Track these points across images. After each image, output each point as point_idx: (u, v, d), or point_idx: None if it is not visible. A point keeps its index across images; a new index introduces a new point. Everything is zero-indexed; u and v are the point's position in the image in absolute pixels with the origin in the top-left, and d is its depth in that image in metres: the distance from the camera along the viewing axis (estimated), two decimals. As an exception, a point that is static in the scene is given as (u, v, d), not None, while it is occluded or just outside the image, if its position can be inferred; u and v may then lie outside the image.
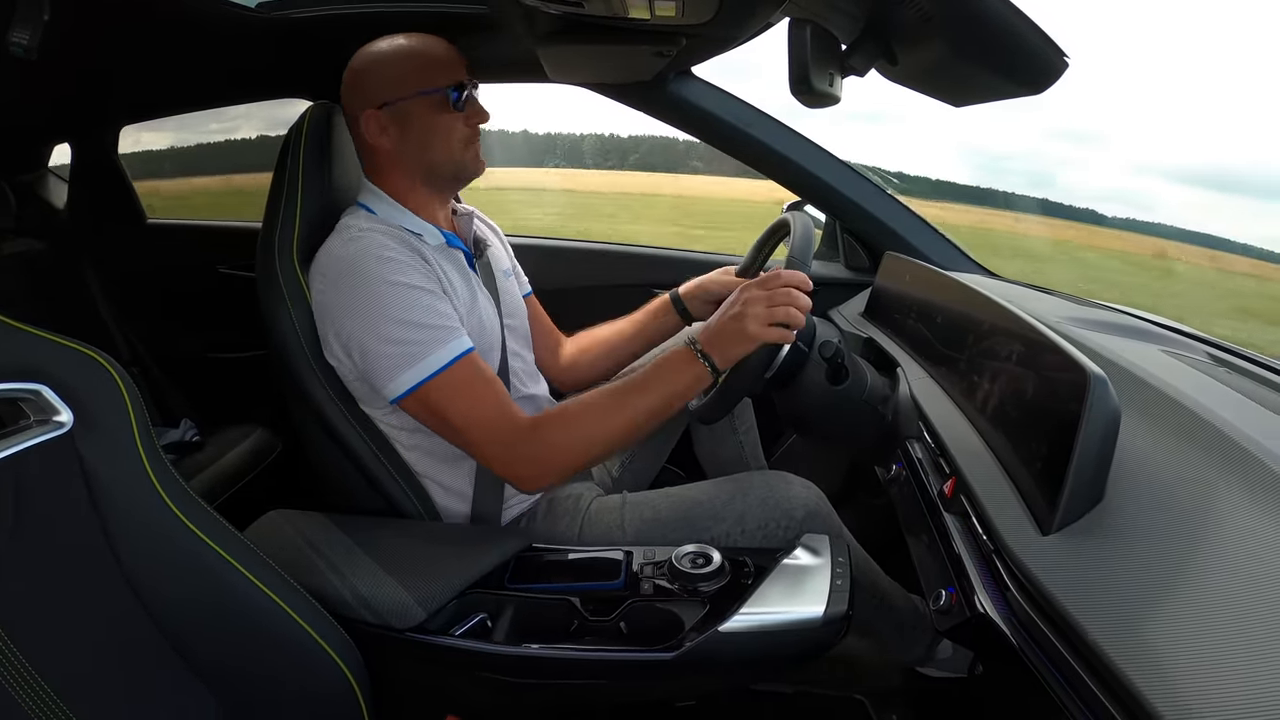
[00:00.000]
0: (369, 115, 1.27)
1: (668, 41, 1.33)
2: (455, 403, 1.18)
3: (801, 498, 1.28)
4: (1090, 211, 7.13)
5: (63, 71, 1.69)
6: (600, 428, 1.20)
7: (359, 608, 1.04)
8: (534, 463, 1.20)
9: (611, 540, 1.29)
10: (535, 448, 1.19)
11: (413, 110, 1.26)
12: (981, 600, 0.86)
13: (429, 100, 1.26)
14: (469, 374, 1.18)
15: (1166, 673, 0.59)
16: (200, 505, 0.87)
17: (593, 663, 1.05)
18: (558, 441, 1.19)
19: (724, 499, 1.29)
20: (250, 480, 2.09)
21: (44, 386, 0.75)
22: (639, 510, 1.32)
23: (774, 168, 1.88)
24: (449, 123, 1.28)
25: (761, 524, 1.26)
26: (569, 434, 1.20)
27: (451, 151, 1.30)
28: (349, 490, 1.28)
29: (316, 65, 1.79)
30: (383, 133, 1.28)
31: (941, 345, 1.33)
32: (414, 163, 1.30)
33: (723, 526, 1.26)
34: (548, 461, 1.20)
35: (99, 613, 0.78)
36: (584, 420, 1.20)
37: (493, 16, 1.43)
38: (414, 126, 1.27)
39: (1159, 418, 0.91)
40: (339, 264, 1.19)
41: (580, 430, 1.20)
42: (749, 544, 1.25)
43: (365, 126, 1.27)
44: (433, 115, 1.27)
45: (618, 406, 1.20)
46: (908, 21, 0.90)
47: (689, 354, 1.20)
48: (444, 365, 1.16)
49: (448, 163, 1.30)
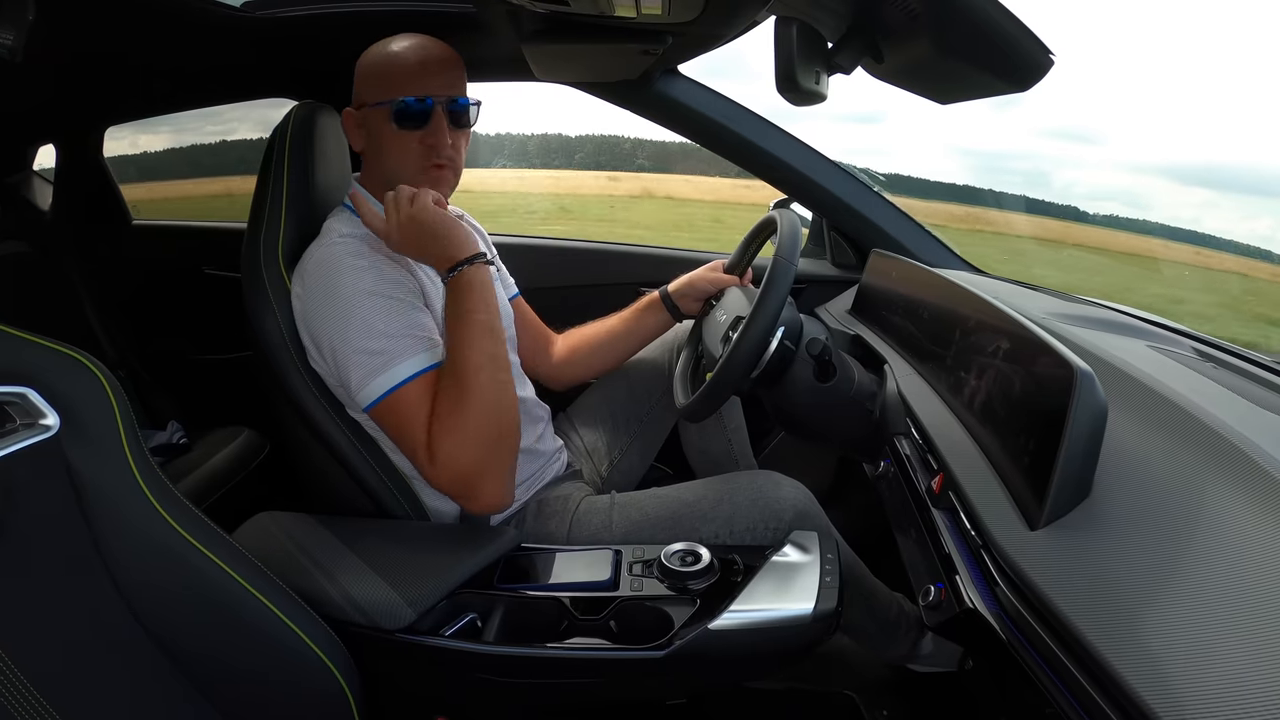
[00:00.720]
0: (347, 113, 1.28)
1: (654, 40, 1.33)
2: (401, 420, 1.15)
3: (791, 499, 1.28)
4: (1074, 209, 7.15)
5: (47, 72, 1.68)
6: (468, 407, 1.12)
7: (348, 609, 1.03)
8: (453, 479, 1.14)
9: (600, 541, 1.29)
10: (438, 468, 1.13)
11: (370, 117, 1.26)
12: (970, 595, 0.86)
13: (381, 111, 1.24)
14: (419, 393, 1.14)
15: (1154, 664, 0.60)
16: (188, 508, 0.86)
17: (583, 662, 1.05)
18: (450, 449, 1.12)
19: (713, 500, 1.29)
20: (238, 482, 2.08)
21: (30, 390, 0.74)
22: (627, 511, 1.32)
23: (761, 166, 1.88)
24: (399, 139, 1.25)
25: (750, 526, 1.26)
26: (452, 436, 1.12)
27: (404, 169, 1.26)
28: (337, 492, 1.27)
29: (301, 65, 1.78)
30: (356, 133, 1.28)
31: (929, 342, 1.34)
32: (377, 171, 1.29)
33: (711, 528, 1.26)
34: (466, 476, 1.14)
35: (86, 616, 0.78)
36: (454, 413, 1.12)
37: (479, 16, 1.43)
38: (371, 134, 1.27)
39: (1146, 413, 0.92)
40: (318, 267, 1.18)
41: (453, 422, 1.12)
42: (737, 543, 1.25)
43: (345, 124, 1.28)
44: (383, 127, 1.25)
45: (457, 369, 1.13)
46: (894, 19, 0.90)
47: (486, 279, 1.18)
48: (408, 378, 1.14)
49: (400, 179, 1.24)
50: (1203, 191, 18.85)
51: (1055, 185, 17.28)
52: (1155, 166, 20.13)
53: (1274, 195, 10.33)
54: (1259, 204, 11.97)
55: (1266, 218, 9.58)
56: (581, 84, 1.81)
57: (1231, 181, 16.47)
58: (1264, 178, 11.88)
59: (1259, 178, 13.54)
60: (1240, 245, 5.46)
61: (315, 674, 0.92)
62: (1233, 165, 16.55)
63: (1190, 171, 19.96)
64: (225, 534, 0.89)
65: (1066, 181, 15.76)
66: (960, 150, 19.51)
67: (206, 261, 2.32)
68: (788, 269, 1.24)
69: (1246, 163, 16.41)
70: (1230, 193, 17.20)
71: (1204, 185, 17.82)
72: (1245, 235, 9.37)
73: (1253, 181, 13.52)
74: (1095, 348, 1.10)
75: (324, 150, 1.35)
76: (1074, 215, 6.63)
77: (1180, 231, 6.28)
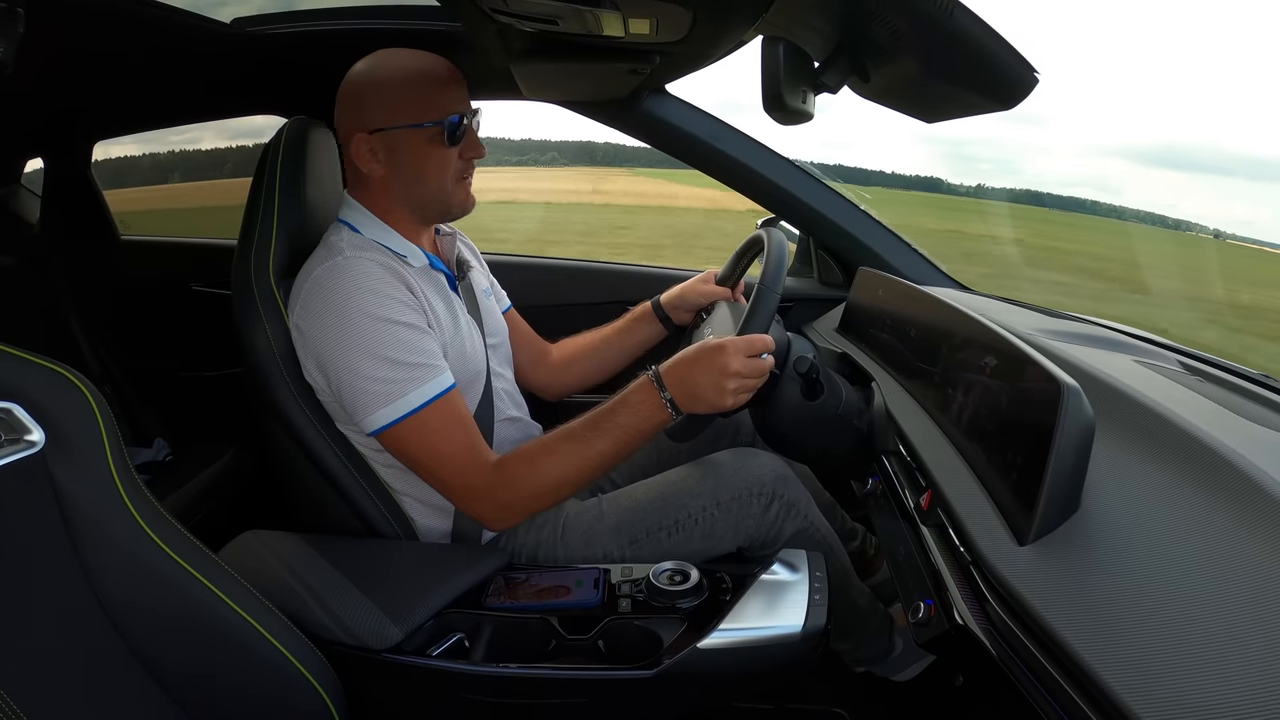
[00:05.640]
0: (359, 139, 1.24)
1: (642, 59, 1.34)
2: (427, 442, 1.18)
3: (770, 465, 1.33)
4: (1028, 192, 7.37)
5: (37, 86, 1.67)
6: (564, 470, 1.19)
7: (334, 629, 1.03)
8: (499, 504, 1.21)
9: (595, 534, 1.30)
10: (500, 492, 1.19)
11: (403, 140, 1.24)
12: (960, 612, 0.86)
13: (423, 133, 1.23)
14: (443, 414, 1.18)
15: (1145, 679, 0.60)
16: (173, 526, 0.85)
17: (572, 682, 1.04)
18: (521, 484, 1.19)
19: (697, 476, 1.32)
20: (224, 500, 2.07)
21: (15, 405, 0.74)
22: (617, 501, 1.34)
23: (748, 184, 1.89)
24: (442, 157, 1.26)
25: (735, 495, 1.29)
26: (533, 475, 1.19)
27: (444, 187, 1.28)
28: (324, 510, 1.26)
29: (290, 81, 1.79)
30: (373, 158, 1.25)
31: (916, 359, 1.34)
32: (402, 193, 1.28)
33: (699, 502, 1.29)
34: (512, 503, 1.21)
35: (70, 634, 0.77)
36: (547, 461, 1.20)
37: (467, 34, 1.43)
38: (405, 158, 1.25)
39: (1133, 427, 0.92)
40: (322, 289, 1.17)
41: (544, 471, 1.19)
42: (725, 515, 1.28)
43: (355, 150, 1.24)
44: (426, 148, 1.24)
45: (581, 446, 1.20)
46: (880, 39, 0.91)
47: (653, 396, 1.20)
48: (419, 405, 1.16)
49: (438, 198, 1.29)
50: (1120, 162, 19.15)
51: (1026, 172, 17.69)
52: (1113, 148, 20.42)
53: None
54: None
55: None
56: (570, 103, 1.82)
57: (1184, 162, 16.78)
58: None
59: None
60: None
61: (301, 694, 0.91)
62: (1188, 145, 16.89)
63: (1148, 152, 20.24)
64: (210, 552, 0.88)
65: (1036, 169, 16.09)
66: (924, 138, 19.81)
67: (194, 278, 2.31)
68: (771, 296, 1.25)
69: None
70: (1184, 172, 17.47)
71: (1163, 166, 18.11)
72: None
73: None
74: (1082, 363, 1.10)
75: (316, 166, 1.35)
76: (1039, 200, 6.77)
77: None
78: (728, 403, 1.18)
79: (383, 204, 1.28)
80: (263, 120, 2.26)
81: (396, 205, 1.28)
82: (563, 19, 1.06)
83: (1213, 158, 42.03)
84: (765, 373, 1.21)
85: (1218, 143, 47.65)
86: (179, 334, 2.35)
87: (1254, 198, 17.88)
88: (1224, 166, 42.31)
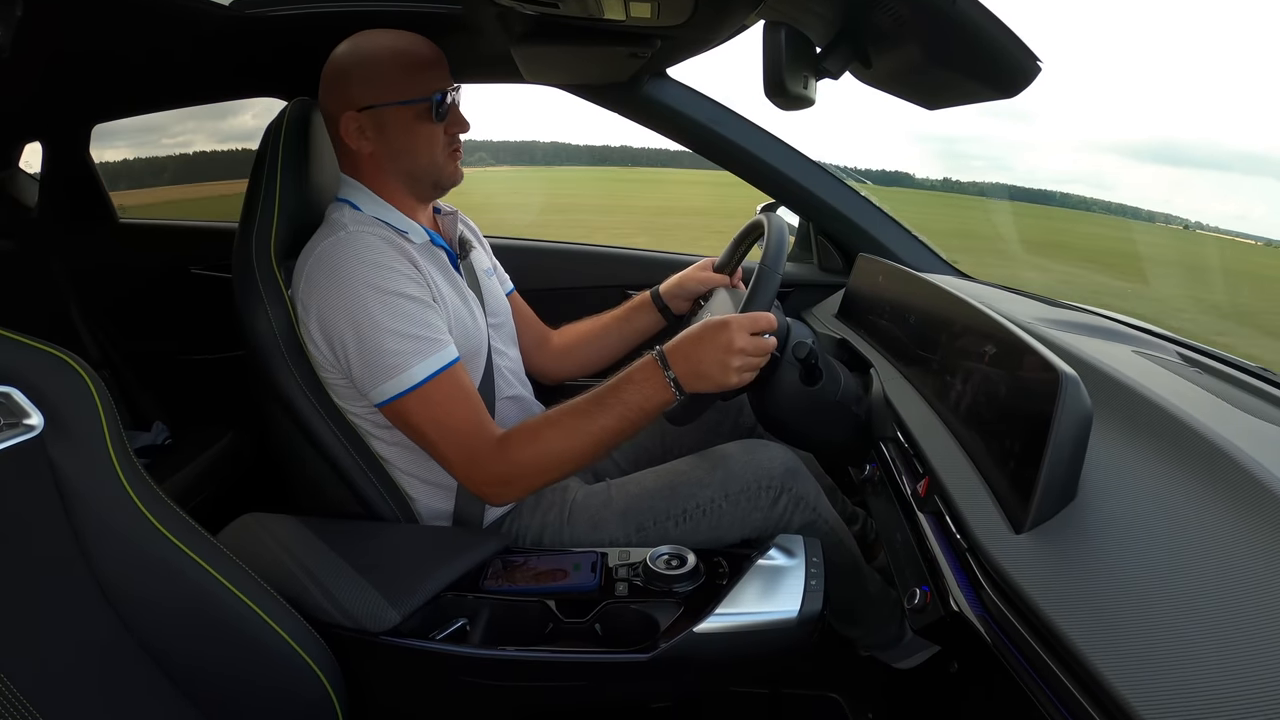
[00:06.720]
0: (348, 117, 1.26)
1: (643, 43, 1.33)
2: (432, 415, 1.18)
3: (780, 457, 1.32)
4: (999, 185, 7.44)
5: (35, 69, 1.66)
6: (567, 444, 1.19)
7: (333, 611, 1.03)
8: (500, 478, 1.20)
9: (601, 519, 1.31)
10: (503, 464, 1.19)
11: (392, 117, 1.26)
12: (956, 599, 0.86)
13: (411, 110, 1.25)
14: (448, 388, 1.18)
15: (1140, 668, 0.60)
16: (173, 509, 0.86)
17: (569, 665, 1.05)
18: (525, 459, 1.19)
19: (707, 467, 1.33)
20: (223, 483, 2.07)
21: (14, 389, 0.74)
22: (625, 487, 1.35)
23: (748, 170, 1.89)
24: (430, 132, 1.28)
25: (744, 487, 1.29)
26: (536, 451, 1.19)
27: (433, 160, 1.30)
28: (324, 492, 1.27)
29: (290, 63, 1.78)
30: (361, 135, 1.27)
31: (915, 346, 1.34)
32: (393, 168, 1.29)
33: (707, 493, 1.29)
34: (514, 478, 1.20)
35: (70, 617, 0.77)
36: (551, 437, 1.19)
37: (468, 16, 1.43)
38: (393, 133, 1.27)
39: (1131, 417, 0.92)
40: (326, 264, 1.17)
41: (547, 447, 1.19)
42: (734, 508, 1.28)
43: (344, 128, 1.26)
44: (413, 124, 1.26)
45: (585, 421, 1.19)
46: (882, 25, 0.90)
47: (656, 374, 1.19)
48: (424, 379, 1.16)
49: (428, 171, 1.31)
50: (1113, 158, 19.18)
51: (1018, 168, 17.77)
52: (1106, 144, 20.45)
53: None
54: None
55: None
56: (570, 86, 1.81)
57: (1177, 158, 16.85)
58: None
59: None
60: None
61: (300, 677, 0.92)
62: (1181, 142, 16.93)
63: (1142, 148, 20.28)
64: (209, 535, 0.89)
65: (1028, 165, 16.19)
66: (918, 136, 19.76)
67: (193, 261, 2.31)
68: (772, 276, 1.25)
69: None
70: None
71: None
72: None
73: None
74: (1080, 352, 1.10)
75: (318, 148, 1.35)
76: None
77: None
78: (732, 380, 1.18)
79: (377, 180, 1.30)
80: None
81: (390, 180, 1.30)
82: (564, 2, 1.05)
83: (1208, 153, 41.59)
84: (769, 351, 1.21)
85: (1214, 138, 47.13)
86: (178, 317, 2.34)
87: (1249, 192, 17.74)
88: (1220, 162, 41.91)
